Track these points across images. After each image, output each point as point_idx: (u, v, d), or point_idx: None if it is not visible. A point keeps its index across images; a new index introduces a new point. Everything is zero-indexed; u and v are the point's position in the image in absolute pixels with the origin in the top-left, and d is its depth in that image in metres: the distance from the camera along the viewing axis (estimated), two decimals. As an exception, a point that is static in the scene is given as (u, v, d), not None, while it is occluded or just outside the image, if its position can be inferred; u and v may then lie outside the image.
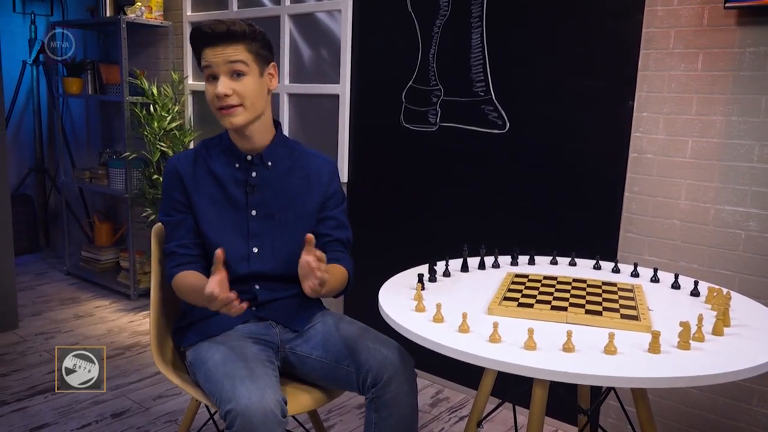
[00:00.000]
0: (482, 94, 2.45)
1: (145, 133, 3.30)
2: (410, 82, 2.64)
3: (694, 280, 1.52)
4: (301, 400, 1.56)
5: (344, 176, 2.89)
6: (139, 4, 3.45)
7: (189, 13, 3.50)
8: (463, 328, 1.21)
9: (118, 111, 3.61)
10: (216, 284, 1.28)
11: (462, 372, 2.39)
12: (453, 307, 1.33)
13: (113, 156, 3.63)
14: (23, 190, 4.36)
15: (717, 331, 1.22)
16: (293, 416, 1.91)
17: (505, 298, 1.38)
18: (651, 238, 2.13)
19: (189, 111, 3.58)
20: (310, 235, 1.35)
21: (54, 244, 4.58)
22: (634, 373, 1.04)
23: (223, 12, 3.31)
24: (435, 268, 1.57)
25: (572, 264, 1.75)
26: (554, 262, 1.76)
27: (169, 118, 3.33)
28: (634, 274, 1.65)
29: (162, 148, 3.28)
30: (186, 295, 1.55)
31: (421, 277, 1.48)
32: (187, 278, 1.54)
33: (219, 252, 1.32)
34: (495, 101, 2.42)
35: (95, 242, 4.03)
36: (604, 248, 2.18)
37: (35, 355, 2.81)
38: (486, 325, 1.21)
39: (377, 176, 2.82)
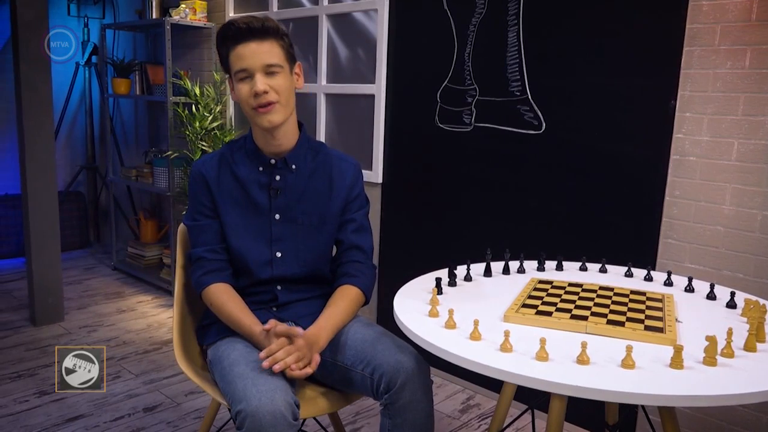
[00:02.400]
0: (518, 93, 2.38)
1: (187, 133, 3.36)
2: (445, 82, 2.59)
3: (730, 290, 1.43)
4: (317, 402, 1.54)
5: (379, 177, 2.87)
6: (183, 6, 3.52)
7: (232, 14, 3.54)
8: (475, 336, 1.17)
9: (163, 111, 3.69)
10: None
11: (494, 378, 2.33)
12: (469, 313, 1.29)
13: (158, 155, 3.71)
14: (75, 188, 4.51)
15: (749, 347, 1.14)
16: (315, 419, 1.90)
17: (524, 305, 1.32)
18: (693, 244, 2.02)
19: (230, 111, 3.63)
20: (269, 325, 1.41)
21: (104, 239, 4.73)
22: (650, 390, 0.97)
23: (263, 12, 3.34)
24: (455, 272, 1.53)
25: (602, 271, 1.67)
26: (584, 269, 1.69)
27: (210, 118, 3.38)
28: (668, 283, 1.57)
29: (203, 148, 3.33)
30: (222, 317, 1.55)
31: (439, 281, 1.44)
32: (225, 302, 1.53)
33: (270, 326, 1.40)
34: (531, 101, 2.35)
35: (141, 239, 4.13)
36: (643, 255, 2.09)
37: (77, 348, 2.89)
38: (500, 333, 1.16)
39: (412, 177, 2.79)
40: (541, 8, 2.29)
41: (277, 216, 1.58)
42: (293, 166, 1.58)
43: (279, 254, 1.59)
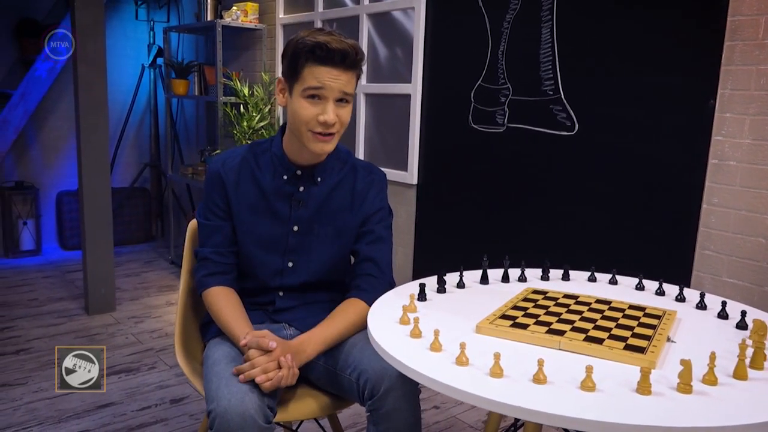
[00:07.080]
0: (551, 93, 2.27)
1: (234, 132, 3.43)
2: (479, 81, 2.51)
3: (741, 309, 1.29)
4: (306, 405, 1.52)
5: (414, 178, 2.82)
6: (235, 8, 3.60)
7: (281, 15, 3.59)
8: (435, 347, 1.11)
9: (216, 111, 3.80)
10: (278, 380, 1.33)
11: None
12: (444, 323, 1.22)
13: (211, 153, 3.82)
14: (141, 184, 4.72)
15: (738, 374, 1.02)
16: (316, 421, 1.88)
17: (503, 316, 1.25)
18: (731, 257, 1.85)
19: (279, 110, 3.68)
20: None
21: (167, 234, 4.92)
22: (600, 416, 0.88)
23: (309, 14, 3.36)
24: (445, 278, 1.46)
25: (612, 282, 1.55)
26: (592, 279, 1.57)
27: (258, 118, 3.44)
28: (680, 298, 1.43)
29: (250, 147, 3.40)
30: (217, 322, 1.53)
31: (423, 287, 1.39)
32: (222, 308, 1.51)
33: (247, 341, 1.36)
34: (564, 101, 2.23)
35: (197, 234, 4.26)
36: (677, 266, 1.94)
37: (122, 337, 3.02)
38: (468, 346, 1.10)
39: (446, 179, 2.72)
40: (575, 3, 2.17)
41: (296, 227, 1.54)
42: (318, 179, 1.54)
43: (291, 264, 1.57)
